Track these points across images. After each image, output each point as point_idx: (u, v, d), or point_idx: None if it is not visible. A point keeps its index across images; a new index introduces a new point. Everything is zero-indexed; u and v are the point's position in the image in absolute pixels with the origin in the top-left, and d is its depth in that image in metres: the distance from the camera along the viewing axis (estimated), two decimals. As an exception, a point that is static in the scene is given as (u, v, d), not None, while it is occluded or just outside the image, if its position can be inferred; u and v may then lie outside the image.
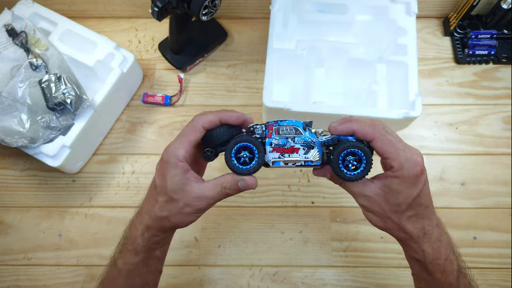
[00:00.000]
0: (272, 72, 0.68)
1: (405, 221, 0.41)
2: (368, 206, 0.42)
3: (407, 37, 0.71)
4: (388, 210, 0.41)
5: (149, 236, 0.45)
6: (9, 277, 0.68)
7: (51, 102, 0.64)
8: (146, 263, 0.46)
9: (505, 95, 0.79)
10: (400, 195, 0.40)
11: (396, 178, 0.40)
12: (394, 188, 0.40)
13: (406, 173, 0.39)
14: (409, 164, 0.39)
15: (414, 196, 0.40)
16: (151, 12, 0.64)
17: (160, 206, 0.43)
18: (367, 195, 0.42)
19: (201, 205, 0.43)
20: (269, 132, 0.42)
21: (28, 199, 0.73)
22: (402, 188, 0.40)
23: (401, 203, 0.40)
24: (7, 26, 0.68)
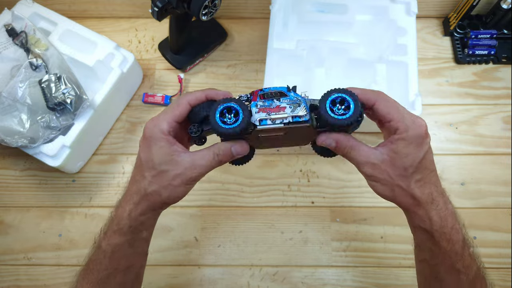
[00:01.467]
0: (272, 72, 0.68)
1: (413, 185, 0.40)
2: (374, 174, 0.41)
3: (407, 37, 0.71)
4: (396, 176, 0.40)
5: (136, 216, 0.43)
6: (9, 277, 0.68)
7: (51, 102, 0.64)
8: (132, 245, 0.44)
9: (505, 95, 0.79)
10: (407, 158, 0.39)
11: (402, 140, 0.39)
12: (401, 151, 0.40)
13: (411, 133, 0.39)
14: (414, 125, 0.39)
15: (421, 158, 0.40)
16: (151, 12, 0.64)
17: (149, 181, 0.42)
18: (373, 163, 0.40)
19: (193, 174, 0.41)
20: (254, 97, 0.41)
21: (28, 199, 0.73)
22: (409, 150, 0.39)
23: (409, 167, 0.40)
24: (7, 26, 0.68)
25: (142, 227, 0.45)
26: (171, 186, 0.42)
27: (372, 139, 0.76)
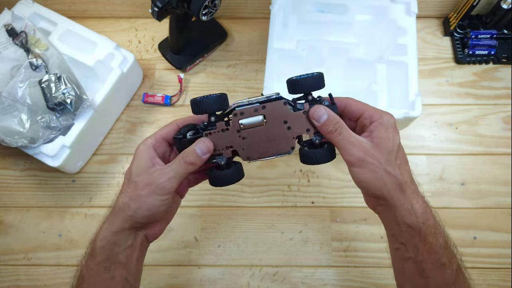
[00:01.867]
0: (272, 72, 0.68)
1: (397, 170, 0.41)
2: (363, 158, 0.40)
3: (407, 37, 0.71)
4: (384, 161, 0.40)
5: (108, 234, 0.41)
6: (9, 277, 0.68)
7: (51, 102, 0.64)
8: (107, 269, 0.41)
9: (505, 95, 0.79)
10: (389, 142, 0.41)
11: (381, 125, 0.42)
12: (383, 136, 0.41)
13: (386, 120, 0.42)
14: (386, 115, 0.42)
15: (398, 143, 0.42)
16: (151, 12, 0.64)
17: (122, 195, 0.42)
18: (363, 145, 0.41)
19: (161, 180, 0.41)
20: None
21: (28, 199, 0.73)
22: (388, 134, 0.41)
23: (391, 150, 0.41)
24: (7, 26, 0.68)
25: (117, 248, 0.42)
26: (140, 196, 0.41)
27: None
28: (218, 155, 0.43)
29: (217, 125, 0.43)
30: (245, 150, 0.43)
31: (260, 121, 0.42)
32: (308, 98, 0.43)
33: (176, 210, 0.47)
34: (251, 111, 0.42)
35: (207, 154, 0.42)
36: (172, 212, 0.47)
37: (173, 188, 0.41)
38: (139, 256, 0.44)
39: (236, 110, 0.42)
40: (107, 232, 0.42)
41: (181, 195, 0.48)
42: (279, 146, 0.43)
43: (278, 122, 0.43)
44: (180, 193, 0.48)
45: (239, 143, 0.43)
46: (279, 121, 0.43)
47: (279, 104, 0.42)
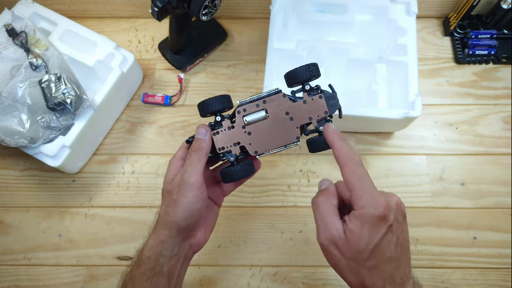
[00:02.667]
0: (272, 72, 0.68)
1: (365, 272, 0.36)
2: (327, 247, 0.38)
3: (407, 37, 0.71)
4: (348, 257, 0.37)
5: (154, 245, 0.43)
6: (9, 277, 0.68)
7: (51, 102, 0.64)
8: (150, 279, 0.43)
9: (505, 95, 0.79)
10: (360, 241, 0.36)
11: (357, 218, 0.36)
12: (355, 231, 0.36)
13: (367, 212, 0.36)
14: (372, 204, 0.36)
15: (376, 243, 0.36)
16: (151, 12, 0.64)
17: (162, 207, 0.45)
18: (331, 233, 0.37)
19: (186, 178, 0.42)
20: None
21: (28, 199, 0.73)
22: (363, 231, 0.36)
23: (362, 250, 0.36)
24: (7, 26, 0.68)
25: (162, 259, 0.43)
26: (175, 201, 0.43)
27: (373, 139, 0.76)
28: (227, 152, 0.45)
29: (223, 124, 0.45)
30: (252, 145, 0.45)
31: (263, 116, 0.44)
32: (305, 87, 0.44)
33: (216, 219, 0.49)
34: (254, 107, 0.44)
35: (207, 134, 0.44)
36: (211, 219, 0.48)
37: (197, 180, 0.42)
38: (182, 268, 0.45)
39: (239, 107, 0.44)
40: (153, 243, 0.44)
41: (217, 204, 0.50)
42: (284, 137, 0.44)
43: (280, 114, 0.44)
44: (215, 201, 0.50)
45: (246, 139, 0.45)
46: (281, 113, 0.44)
47: (279, 97, 0.44)
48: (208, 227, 0.48)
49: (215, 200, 0.50)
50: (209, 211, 0.48)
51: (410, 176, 0.74)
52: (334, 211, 0.39)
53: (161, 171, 0.74)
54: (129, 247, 0.70)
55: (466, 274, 0.67)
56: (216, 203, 0.50)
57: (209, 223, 0.48)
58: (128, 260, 0.69)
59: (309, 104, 0.44)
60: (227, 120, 0.45)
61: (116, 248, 0.70)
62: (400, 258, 0.37)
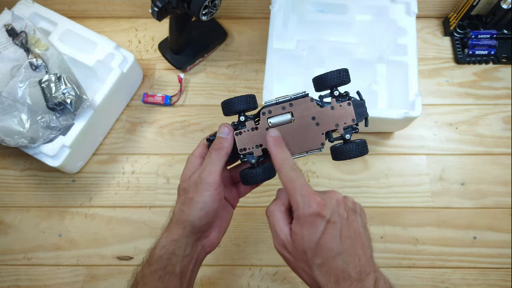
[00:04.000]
0: (272, 72, 0.68)
1: (316, 270, 0.37)
2: (281, 251, 0.39)
3: (407, 37, 0.71)
4: (298, 259, 0.38)
5: (167, 244, 0.43)
6: (9, 277, 0.68)
7: (51, 102, 0.64)
8: (161, 278, 0.42)
9: (505, 95, 0.79)
10: (302, 240, 0.37)
11: (296, 219, 0.38)
12: (297, 232, 0.37)
13: (302, 212, 0.37)
14: (304, 203, 0.37)
15: (317, 240, 0.36)
16: (151, 12, 0.64)
17: (177, 204, 0.44)
18: (281, 239, 0.39)
19: (204, 177, 0.42)
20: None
21: (28, 199, 0.73)
22: (303, 231, 0.37)
23: (307, 249, 0.36)
24: (7, 26, 0.68)
25: (175, 258, 0.42)
26: (191, 199, 0.42)
27: (373, 139, 0.76)
28: (249, 153, 0.44)
29: (246, 125, 0.44)
30: None
31: (289, 119, 0.43)
32: (334, 93, 0.43)
33: (230, 220, 0.49)
34: (279, 109, 0.43)
35: (230, 134, 0.43)
36: (226, 220, 0.48)
37: (215, 180, 0.42)
38: (194, 269, 0.45)
39: (264, 108, 0.43)
40: (165, 241, 0.43)
41: (233, 205, 0.50)
42: (309, 142, 0.44)
43: (306, 119, 0.43)
44: (231, 203, 0.49)
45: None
46: (307, 118, 0.43)
47: (306, 101, 0.43)
48: (222, 227, 0.48)
49: (231, 201, 0.49)
50: (224, 212, 0.48)
51: (410, 176, 0.74)
52: (282, 218, 0.40)
53: (161, 171, 0.74)
54: (129, 247, 0.70)
55: (466, 274, 0.68)
56: (231, 204, 0.49)
57: (223, 224, 0.48)
58: (129, 260, 0.69)
59: (337, 111, 0.43)
60: (251, 121, 0.44)
61: (116, 248, 0.70)
62: (350, 251, 0.36)
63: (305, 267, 0.37)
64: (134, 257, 0.69)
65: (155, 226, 0.71)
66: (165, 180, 0.74)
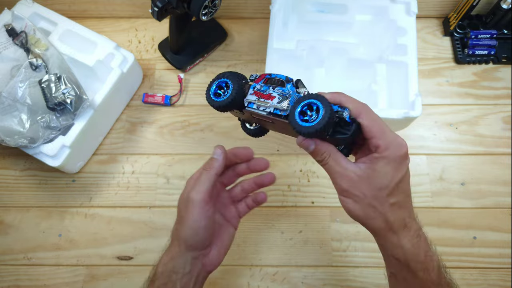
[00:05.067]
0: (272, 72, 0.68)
1: (387, 208, 0.39)
2: (348, 189, 0.39)
3: (407, 37, 0.71)
4: (371, 196, 0.39)
5: (167, 261, 0.45)
6: (9, 277, 0.68)
7: (51, 102, 0.64)
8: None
9: (505, 95, 0.79)
10: (384, 178, 0.38)
11: (382, 158, 0.38)
12: (379, 170, 0.38)
13: (392, 153, 0.38)
14: (395, 145, 0.38)
15: (398, 180, 0.38)
16: (151, 12, 0.64)
17: (175, 225, 0.46)
18: (349, 176, 0.39)
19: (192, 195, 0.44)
20: (258, 79, 0.44)
21: (28, 199, 0.73)
22: (387, 169, 0.38)
23: (385, 187, 0.38)
24: (7, 26, 0.68)
25: (175, 276, 0.44)
26: (183, 218, 0.44)
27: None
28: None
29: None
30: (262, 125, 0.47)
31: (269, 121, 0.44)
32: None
33: (231, 240, 0.50)
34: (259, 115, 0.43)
35: (221, 156, 0.45)
36: (226, 240, 0.49)
37: (202, 198, 0.43)
38: (194, 286, 0.45)
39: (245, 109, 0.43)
40: (166, 259, 0.45)
41: (233, 225, 0.51)
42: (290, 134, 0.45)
43: (283, 125, 0.42)
44: (231, 222, 0.50)
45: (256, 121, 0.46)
46: (283, 125, 0.42)
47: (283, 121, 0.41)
48: (222, 247, 0.48)
49: (231, 221, 0.50)
50: (223, 231, 0.49)
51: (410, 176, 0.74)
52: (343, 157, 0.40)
53: (161, 171, 0.74)
54: (129, 247, 0.70)
55: (466, 274, 0.68)
56: (231, 224, 0.50)
57: (224, 244, 0.49)
58: (129, 260, 0.69)
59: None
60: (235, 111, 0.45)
61: (116, 248, 0.70)
62: (411, 195, 0.41)
63: (376, 204, 0.39)
64: (134, 257, 0.69)
65: (155, 226, 0.71)
66: (165, 180, 0.74)
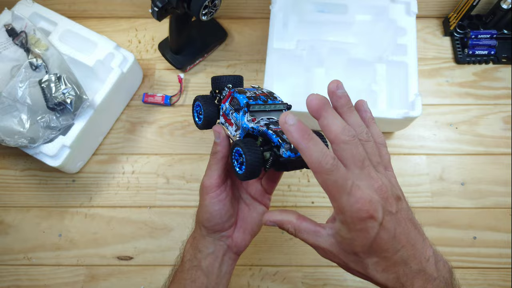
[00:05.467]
0: (272, 72, 0.68)
1: (372, 270, 0.34)
2: (329, 258, 0.36)
3: (407, 37, 0.71)
4: (350, 262, 0.35)
5: (193, 241, 0.47)
6: (9, 277, 0.68)
7: (51, 102, 0.64)
8: (190, 271, 0.46)
9: (505, 95, 0.79)
10: (354, 243, 0.33)
11: (341, 223, 0.33)
12: (344, 236, 0.33)
13: (348, 217, 0.32)
14: (350, 207, 0.31)
15: (370, 242, 0.33)
16: (151, 12, 0.64)
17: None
18: (322, 247, 0.35)
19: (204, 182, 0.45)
20: (225, 99, 0.45)
21: (28, 199, 0.73)
22: (352, 235, 0.33)
23: (359, 252, 0.33)
24: (7, 26, 0.68)
25: (200, 254, 0.46)
26: (200, 205, 0.46)
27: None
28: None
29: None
30: None
31: None
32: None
33: (258, 220, 0.48)
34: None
35: (220, 137, 0.44)
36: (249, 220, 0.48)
37: (212, 183, 0.44)
38: (221, 266, 0.47)
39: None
40: (191, 239, 0.48)
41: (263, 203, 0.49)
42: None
43: None
44: (258, 200, 0.49)
45: None
46: None
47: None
48: (247, 228, 0.48)
49: (259, 199, 0.49)
50: (251, 211, 0.48)
51: (410, 176, 0.74)
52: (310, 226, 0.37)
53: (161, 171, 0.74)
54: (129, 247, 0.70)
55: (466, 274, 0.68)
56: (261, 203, 0.49)
57: (248, 226, 0.48)
58: (129, 260, 0.69)
59: None
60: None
61: (116, 248, 0.70)
62: (406, 245, 0.34)
63: (357, 267, 0.35)
64: (134, 257, 0.69)
65: (155, 226, 0.71)
66: (165, 180, 0.74)
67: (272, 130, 0.38)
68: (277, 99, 0.44)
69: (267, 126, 0.39)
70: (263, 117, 0.42)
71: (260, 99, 0.42)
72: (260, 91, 0.44)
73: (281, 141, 0.37)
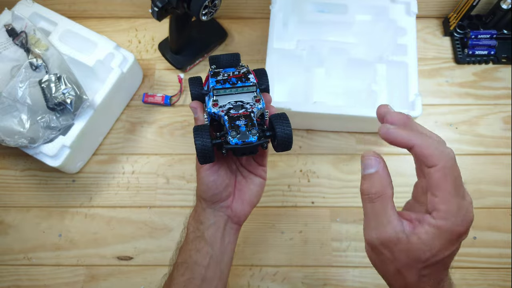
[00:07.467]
0: (272, 72, 0.68)
1: (414, 279, 0.32)
2: (378, 246, 0.33)
3: (407, 37, 0.71)
4: (403, 263, 0.32)
5: (195, 214, 0.49)
6: (9, 277, 0.68)
7: (51, 102, 0.64)
8: (193, 241, 0.48)
9: (505, 95, 0.79)
10: (428, 251, 0.30)
11: (435, 227, 0.30)
12: (426, 241, 0.30)
13: (450, 227, 0.30)
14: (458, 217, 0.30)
15: (443, 257, 0.31)
16: (151, 12, 0.64)
17: None
18: (387, 233, 0.32)
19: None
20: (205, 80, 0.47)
21: (28, 199, 0.73)
22: (436, 243, 0.30)
23: (424, 260, 0.31)
24: (7, 26, 0.68)
25: (202, 226, 0.48)
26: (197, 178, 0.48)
27: (373, 139, 0.76)
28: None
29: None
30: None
31: None
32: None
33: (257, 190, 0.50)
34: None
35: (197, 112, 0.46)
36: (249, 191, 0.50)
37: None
38: (223, 236, 0.49)
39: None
40: (193, 213, 0.50)
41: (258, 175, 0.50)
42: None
43: None
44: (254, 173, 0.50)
45: None
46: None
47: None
48: (245, 199, 0.50)
49: (254, 171, 0.50)
50: (248, 183, 0.50)
51: (410, 176, 0.73)
52: (392, 207, 0.32)
53: (161, 171, 0.74)
54: (129, 247, 0.70)
55: (466, 274, 0.68)
56: (256, 175, 0.50)
57: (247, 196, 0.50)
58: (129, 260, 0.69)
59: None
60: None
61: (116, 248, 0.70)
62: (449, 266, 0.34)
63: (405, 271, 0.32)
64: (134, 257, 0.69)
65: (155, 226, 0.71)
66: (165, 180, 0.74)
67: (228, 116, 0.40)
68: (250, 80, 0.44)
69: (227, 111, 0.41)
70: (230, 101, 0.43)
71: (229, 82, 0.43)
72: (237, 72, 0.45)
73: (229, 128, 0.39)
